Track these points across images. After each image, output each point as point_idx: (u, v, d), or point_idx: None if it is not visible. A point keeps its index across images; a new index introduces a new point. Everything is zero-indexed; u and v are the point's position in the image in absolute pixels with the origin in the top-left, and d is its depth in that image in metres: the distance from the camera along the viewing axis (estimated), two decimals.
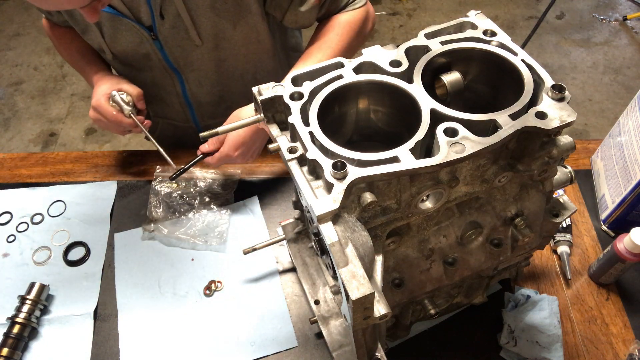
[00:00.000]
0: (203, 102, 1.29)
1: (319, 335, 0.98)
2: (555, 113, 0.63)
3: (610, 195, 1.10)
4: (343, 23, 1.17)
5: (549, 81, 0.66)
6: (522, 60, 0.69)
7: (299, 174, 0.63)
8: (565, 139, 0.69)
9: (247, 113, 1.09)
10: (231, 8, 1.08)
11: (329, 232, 0.57)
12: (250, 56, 1.22)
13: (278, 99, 0.70)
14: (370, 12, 1.23)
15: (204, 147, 1.14)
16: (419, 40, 0.74)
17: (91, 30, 1.13)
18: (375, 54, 0.73)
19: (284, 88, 0.70)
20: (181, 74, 1.20)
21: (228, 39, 1.14)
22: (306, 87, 0.69)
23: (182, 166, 1.15)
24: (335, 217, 0.59)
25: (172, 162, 1.12)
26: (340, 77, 0.70)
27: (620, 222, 1.09)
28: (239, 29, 1.12)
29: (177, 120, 1.36)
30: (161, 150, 1.13)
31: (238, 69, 1.23)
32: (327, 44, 1.14)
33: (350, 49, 1.19)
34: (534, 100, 0.66)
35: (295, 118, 0.66)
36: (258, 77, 1.28)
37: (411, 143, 0.62)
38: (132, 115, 1.12)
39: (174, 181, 1.21)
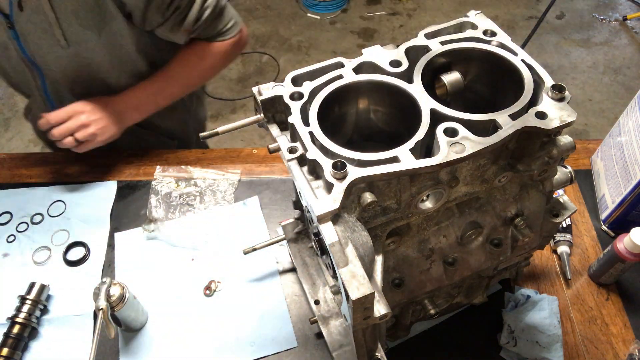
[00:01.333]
0: (65, 99, 1.23)
1: (319, 335, 0.98)
2: (555, 113, 0.63)
3: (610, 195, 1.10)
4: (212, 52, 1.23)
5: (549, 81, 0.66)
6: (522, 60, 0.69)
7: (299, 174, 0.63)
8: (565, 139, 0.69)
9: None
10: (95, 17, 1.06)
11: (329, 232, 0.57)
12: (115, 61, 1.18)
13: (278, 99, 0.70)
14: (242, 38, 1.27)
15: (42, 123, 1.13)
16: (419, 40, 0.74)
17: None
18: (375, 54, 0.73)
19: (284, 88, 0.70)
20: (41, 68, 1.16)
21: (92, 48, 1.12)
22: (306, 87, 0.69)
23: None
24: (335, 217, 0.59)
25: None
26: (340, 77, 0.70)
27: (620, 222, 1.09)
28: (103, 36, 1.10)
29: (44, 110, 1.27)
30: None
31: (101, 73, 1.19)
32: (182, 74, 1.23)
33: (209, 76, 1.29)
34: (534, 100, 0.66)
35: (295, 118, 0.66)
36: (122, 80, 1.23)
37: (411, 143, 0.62)
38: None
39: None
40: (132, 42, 1.17)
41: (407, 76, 0.70)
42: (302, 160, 0.65)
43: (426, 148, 0.67)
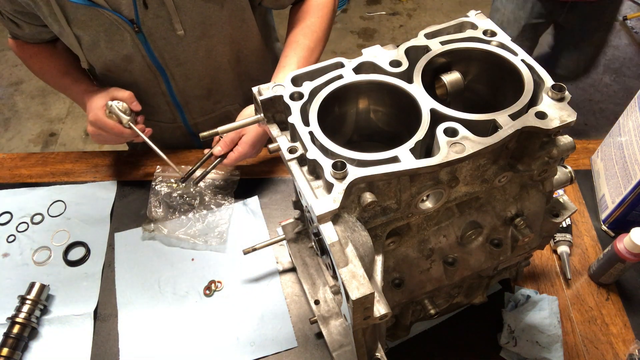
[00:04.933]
0: (191, 98, 1.25)
1: (319, 335, 0.98)
2: (555, 113, 0.63)
3: (610, 195, 1.10)
4: (320, 5, 1.21)
5: (549, 81, 0.66)
6: (522, 60, 0.69)
7: (299, 174, 0.63)
8: (565, 139, 0.69)
9: (250, 112, 1.11)
10: None
11: (329, 232, 0.57)
12: (236, 37, 1.19)
13: (278, 99, 0.70)
14: None
15: (217, 150, 1.14)
16: (419, 40, 0.74)
17: (66, 35, 1.08)
18: (375, 54, 0.73)
19: (284, 88, 0.70)
20: (166, 70, 1.16)
21: (214, 23, 1.11)
22: (306, 87, 0.69)
23: (191, 167, 1.17)
24: (335, 217, 0.59)
25: (175, 167, 1.13)
26: (340, 77, 0.70)
27: (620, 222, 1.09)
28: (226, 7, 1.09)
29: (165, 121, 1.32)
30: (163, 155, 1.13)
31: (225, 55, 1.20)
32: (310, 28, 1.18)
33: (328, 30, 1.23)
34: (534, 100, 0.66)
35: (295, 118, 0.66)
36: (241, 57, 1.25)
37: (411, 143, 0.62)
38: (131, 124, 1.11)
39: (183, 183, 1.20)
40: (250, 15, 1.17)
41: (407, 76, 0.70)
42: (302, 160, 0.65)
43: (426, 148, 0.67)
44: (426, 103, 0.66)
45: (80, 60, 1.15)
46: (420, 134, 0.63)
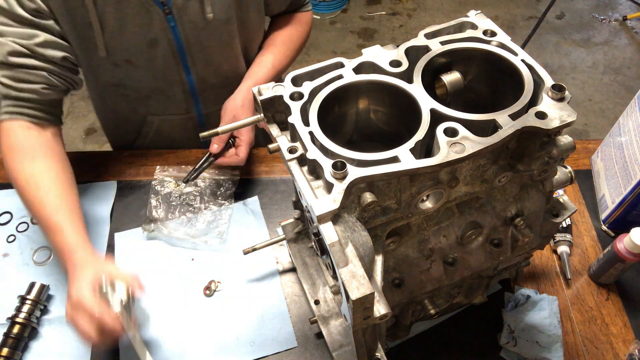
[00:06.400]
0: (208, 86, 1.25)
1: (319, 335, 0.98)
2: (555, 113, 0.63)
3: (610, 195, 1.10)
4: (303, 22, 1.32)
5: (549, 81, 0.66)
6: (522, 60, 0.69)
7: (299, 174, 0.63)
8: (565, 139, 0.69)
9: (233, 104, 1.15)
10: None
11: (329, 232, 0.57)
12: (250, 26, 1.21)
13: (278, 99, 0.70)
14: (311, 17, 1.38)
15: (215, 148, 1.14)
16: (419, 40, 0.74)
17: (81, 23, 0.99)
18: (375, 54, 0.73)
19: (284, 88, 0.70)
20: (188, 56, 1.15)
21: (239, 7, 1.13)
22: (306, 87, 0.69)
23: (194, 167, 1.17)
24: (335, 217, 0.59)
25: None
26: (340, 77, 0.70)
27: (620, 222, 1.09)
28: None
29: (178, 112, 1.30)
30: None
31: (240, 41, 1.21)
32: (291, 39, 1.29)
33: (301, 48, 1.33)
34: (534, 100, 0.66)
35: (295, 118, 0.66)
36: (248, 48, 1.28)
37: (411, 143, 0.62)
38: (121, 316, 0.84)
39: (186, 183, 1.20)
40: (262, 10, 1.22)
41: (407, 76, 0.70)
42: (302, 160, 0.65)
43: (426, 148, 0.67)
44: (426, 103, 0.66)
45: (99, 48, 1.07)
46: (420, 134, 0.63)
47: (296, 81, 0.71)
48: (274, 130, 0.71)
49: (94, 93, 1.33)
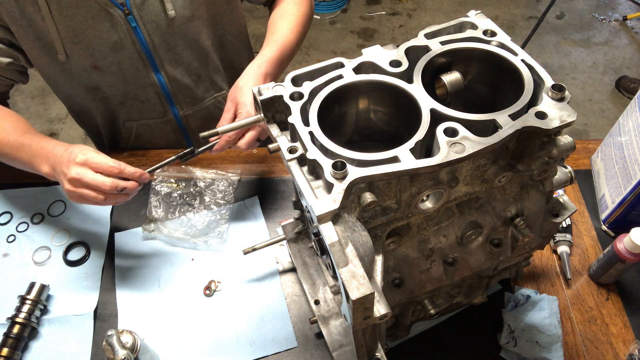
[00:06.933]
0: (182, 86, 1.22)
1: (319, 335, 0.98)
2: (555, 113, 0.63)
3: (610, 195, 1.10)
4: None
5: (549, 81, 0.66)
6: (522, 60, 0.69)
7: (299, 174, 0.63)
8: (565, 139, 0.69)
9: (233, 89, 1.05)
10: None
11: (329, 232, 0.57)
12: (221, 20, 1.18)
13: (278, 99, 0.70)
14: None
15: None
16: (419, 40, 0.74)
17: (39, 28, 1.00)
18: (375, 54, 0.73)
19: (284, 88, 0.70)
20: (155, 57, 1.13)
21: (203, 2, 1.10)
22: (306, 87, 0.69)
23: (192, 148, 1.11)
24: (335, 217, 0.59)
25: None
26: (340, 77, 0.70)
27: (620, 222, 1.09)
28: None
29: (154, 116, 1.27)
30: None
31: (210, 37, 1.19)
32: (289, 13, 1.20)
33: (308, 23, 1.24)
34: (534, 100, 0.66)
35: (295, 118, 0.66)
36: (224, 42, 1.24)
37: (411, 143, 0.62)
38: None
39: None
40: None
41: (407, 76, 0.70)
42: (302, 160, 0.65)
43: (426, 148, 0.67)
44: (426, 103, 0.66)
45: (59, 53, 1.06)
46: (420, 134, 0.63)
47: (296, 81, 0.71)
48: (274, 130, 0.71)
49: (68, 100, 1.28)
